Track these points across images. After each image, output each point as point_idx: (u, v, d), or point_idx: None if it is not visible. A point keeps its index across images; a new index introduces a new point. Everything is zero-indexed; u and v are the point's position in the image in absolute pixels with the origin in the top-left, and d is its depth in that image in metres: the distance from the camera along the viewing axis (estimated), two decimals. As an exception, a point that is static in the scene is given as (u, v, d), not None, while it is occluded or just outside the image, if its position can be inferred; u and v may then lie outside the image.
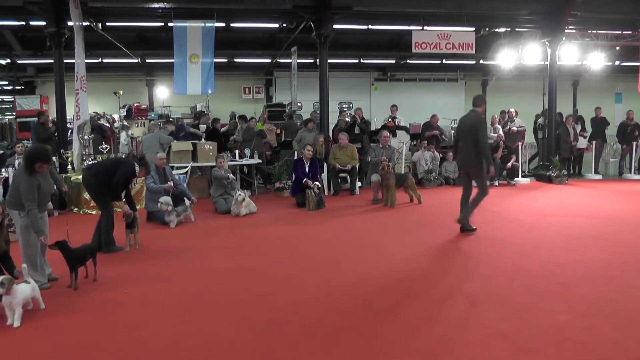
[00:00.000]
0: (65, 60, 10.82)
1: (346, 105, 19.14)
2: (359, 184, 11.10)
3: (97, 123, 12.30)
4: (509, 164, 12.19)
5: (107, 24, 12.12)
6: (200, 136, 11.46)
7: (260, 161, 11.15)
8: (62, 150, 10.37)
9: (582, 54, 13.52)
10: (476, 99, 7.21)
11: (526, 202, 9.68)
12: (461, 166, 8.00)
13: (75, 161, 9.92)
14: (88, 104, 10.75)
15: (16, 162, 9.26)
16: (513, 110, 13.66)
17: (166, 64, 15.19)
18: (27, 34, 15.23)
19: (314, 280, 5.00)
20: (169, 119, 14.41)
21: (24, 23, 12.27)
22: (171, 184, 8.15)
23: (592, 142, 13.71)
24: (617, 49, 15.31)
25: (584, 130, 14.17)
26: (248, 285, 4.93)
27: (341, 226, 7.77)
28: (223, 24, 12.15)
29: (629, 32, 13.43)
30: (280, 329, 3.84)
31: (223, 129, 13.05)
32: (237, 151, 11.11)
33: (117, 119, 14.91)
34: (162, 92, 19.54)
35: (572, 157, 13.82)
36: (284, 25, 12.45)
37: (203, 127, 12.02)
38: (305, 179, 9.26)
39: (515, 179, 12.28)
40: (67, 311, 4.27)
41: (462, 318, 3.98)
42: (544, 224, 7.47)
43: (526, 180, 12.44)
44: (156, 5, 11.13)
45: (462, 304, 4.31)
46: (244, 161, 10.85)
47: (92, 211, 8.46)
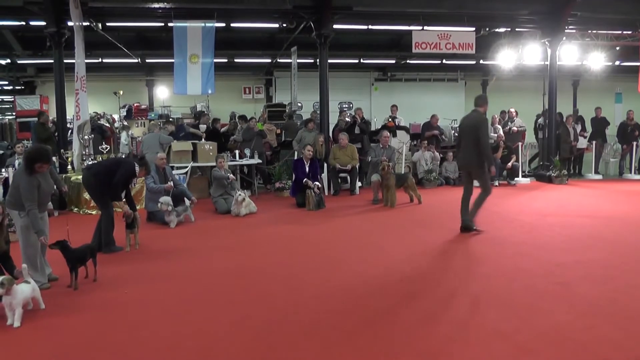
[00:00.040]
0: (65, 60, 10.81)
1: (346, 105, 19.13)
2: (359, 184, 11.10)
3: (97, 123, 12.32)
4: (509, 164, 12.18)
5: (107, 24, 12.11)
6: (201, 136, 11.46)
7: (260, 161, 11.14)
8: (62, 151, 10.36)
9: (582, 54, 13.50)
10: (478, 99, 7.19)
11: (526, 202, 9.68)
12: (462, 166, 7.99)
13: (75, 161, 9.91)
14: (88, 104, 10.75)
15: (16, 162, 9.26)
16: (513, 110, 13.66)
17: (166, 64, 15.21)
18: (27, 34, 15.21)
19: (314, 280, 5.00)
20: (169, 119, 14.42)
21: (24, 23, 12.26)
22: (171, 184, 8.15)
23: (592, 142, 13.71)
24: (617, 49, 15.31)
25: (584, 130, 14.17)
26: (248, 285, 4.93)
27: (341, 226, 7.77)
28: (223, 24, 12.13)
29: (629, 32, 13.42)
30: (280, 329, 3.84)
31: (223, 129, 13.06)
32: (237, 151, 11.10)
33: (117, 119, 14.92)
34: (162, 92, 19.54)
35: (572, 157, 13.81)
36: (284, 25, 12.45)
37: (203, 127, 12.03)
38: (305, 179, 9.26)
39: (516, 179, 12.28)
40: (67, 311, 4.27)
41: (462, 318, 3.98)
42: (544, 224, 7.47)
43: (526, 180, 12.43)
44: (156, 5, 11.14)
45: (462, 304, 4.30)
46: (244, 161, 10.85)
47: (92, 211, 8.46)
